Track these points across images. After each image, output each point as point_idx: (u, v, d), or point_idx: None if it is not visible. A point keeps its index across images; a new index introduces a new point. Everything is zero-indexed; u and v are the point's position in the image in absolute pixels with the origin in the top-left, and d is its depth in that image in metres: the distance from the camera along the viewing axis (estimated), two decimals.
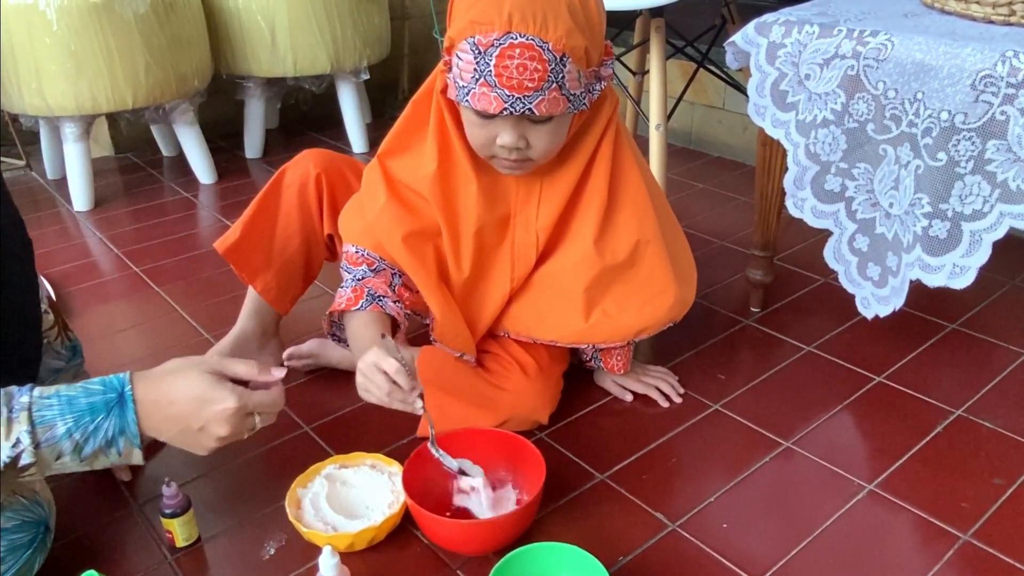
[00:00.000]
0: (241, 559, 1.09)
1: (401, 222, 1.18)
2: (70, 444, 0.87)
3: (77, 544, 1.11)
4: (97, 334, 1.63)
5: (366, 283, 1.19)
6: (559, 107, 1.04)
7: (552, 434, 1.30)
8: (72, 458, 0.88)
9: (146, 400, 0.91)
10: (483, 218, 1.18)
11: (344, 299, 1.17)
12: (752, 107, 1.36)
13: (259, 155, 2.63)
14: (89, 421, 0.88)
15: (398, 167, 1.21)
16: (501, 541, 1.06)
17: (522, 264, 1.23)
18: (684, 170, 2.42)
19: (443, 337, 1.23)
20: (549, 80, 1.00)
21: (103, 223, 2.17)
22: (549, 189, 1.19)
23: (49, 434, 0.86)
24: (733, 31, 1.43)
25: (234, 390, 0.92)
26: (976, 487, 1.17)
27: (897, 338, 1.52)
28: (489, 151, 1.11)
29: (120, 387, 0.90)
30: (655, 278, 1.22)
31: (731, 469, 1.22)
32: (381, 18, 2.61)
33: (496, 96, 1.01)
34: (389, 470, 1.17)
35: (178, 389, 0.91)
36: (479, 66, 1.00)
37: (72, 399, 0.88)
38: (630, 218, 1.20)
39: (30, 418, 0.85)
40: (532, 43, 0.98)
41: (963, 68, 1.12)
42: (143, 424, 0.90)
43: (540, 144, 1.08)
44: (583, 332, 1.23)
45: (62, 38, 2.01)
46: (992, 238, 1.18)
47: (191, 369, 0.93)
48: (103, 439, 0.88)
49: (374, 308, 1.15)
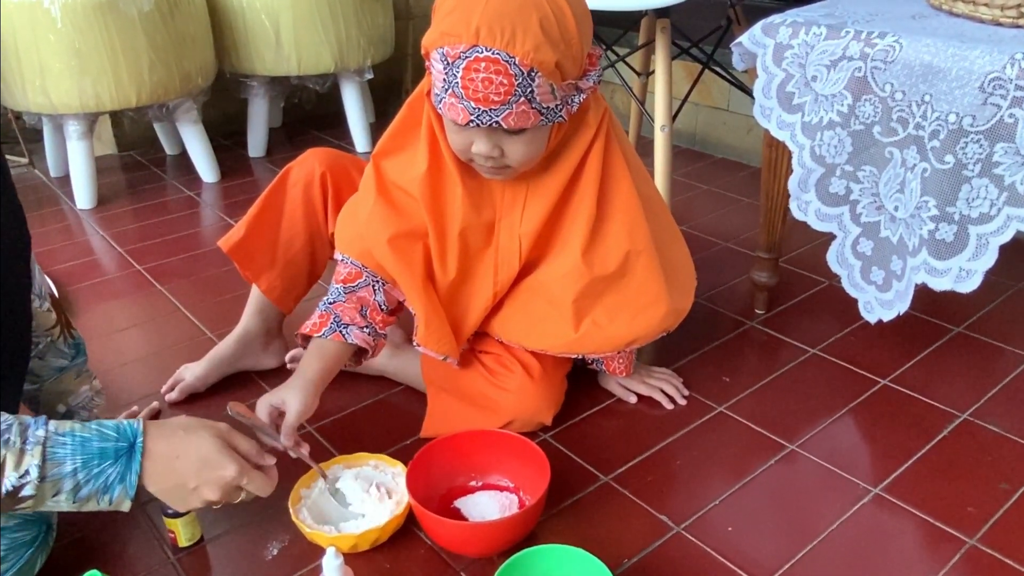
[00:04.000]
0: (244, 559, 1.08)
1: (388, 224, 1.18)
2: (71, 483, 0.88)
3: (79, 543, 1.11)
4: (100, 332, 1.62)
5: (335, 308, 1.19)
6: (529, 120, 1.03)
7: (556, 436, 1.30)
8: (67, 497, 0.89)
9: (155, 452, 0.92)
10: (468, 220, 1.18)
11: (310, 323, 1.19)
12: (758, 108, 1.36)
13: (262, 154, 2.63)
14: (96, 464, 0.89)
15: (391, 167, 1.21)
16: (505, 543, 1.06)
17: (506, 269, 1.22)
18: (688, 171, 2.41)
19: (426, 340, 1.22)
20: (516, 94, 1.00)
21: (106, 221, 2.17)
22: (534, 195, 1.18)
23: (56, 470, 0.87)
24: (739, 32, 1.42)
25: (237, 460, 0.96)
26: (982, 491, 1.16)
27: (902, 341, 1.52)
28: (467, 156, 1.11)
29: (133, 437, 0.92)
30: (647, 289, 1.21)
31: (736, 472, 1.22)
32: (385, 17, 2.61)
33: (463, 108, 1.01)
34: (393, 471, 1.17)
35: (187, 446, 0.94)
36: (447, 77, 1.00)
37: (85, 441, 0.89)
38: (620, 228, 1.19)
39: (43, 453, 0.86)
40: (498, 57, 0.97)
41: (971, 70, 1.12)
42: (144, 474, 0.92)
43: (516, 154, 1.08)
44: (573, 342, 1.22)
45: (66, 35, 2.01)
46: (999, 242, 1.17)
47: (203, 430, 0.96)
48: (102, 484, 0.90)
49: (335, 337, 1.16)
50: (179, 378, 1.41)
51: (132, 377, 1.48)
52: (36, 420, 0.89)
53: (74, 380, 1.17)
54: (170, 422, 0.97)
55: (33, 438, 0.86)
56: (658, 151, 1.79)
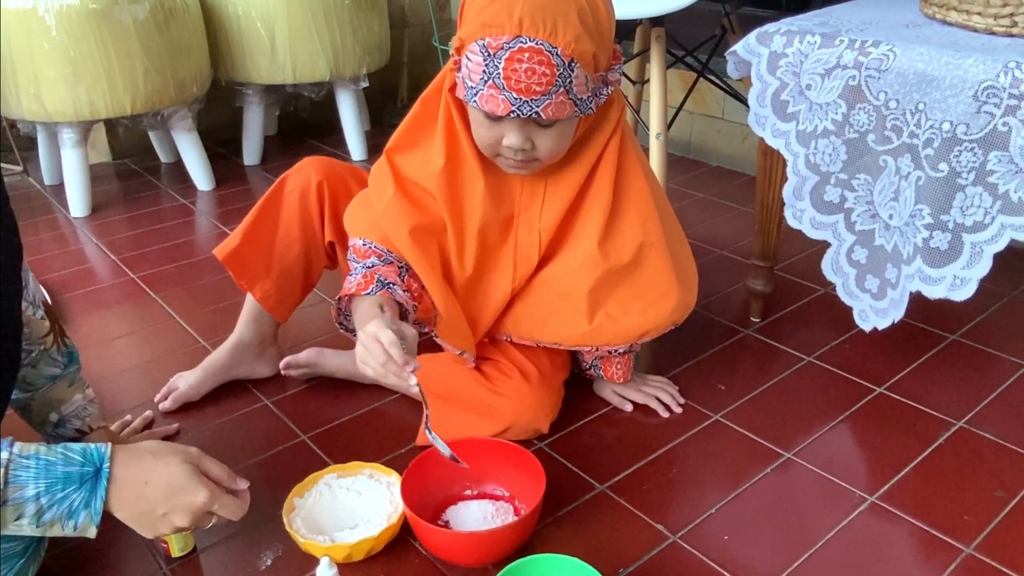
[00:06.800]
0: (237, 569, 1.07)
1: (408, 216, 1.18)
2: (34, 508, 0.86)
3: (71, 554, 1.10)
4: (94, 341, 1.62)
5: (376, 271, 1.17)
6: (566, 111, 1.04)
7: (552, 444, 1.30)
8: (30, 522, 0.87)
9: (122, 477, 0.91)
10: (487, 216, 1.18)
11: (355, 284, 1.15)
12: (753, 117, 1.36)
13: (257, 162, 2.62)
14: (60, 489, 0.87)
15: (405, 163, 1.21)
16: (500, 552, 1.05)
17: (524, 264, 1.23)
18: (683, 179, 2.42)
19: (445, 334, 1.22)
20: (557, 84, 1.01)
21: (100, 229, 2.16)
22: (554, 190, 1.19)
23: (18, 494, 0.86)
24: (733, 41, 1.43)
25: (207, 486, 0.94)
26: (978, 499, 1.16)
27: (898, 349, 1.52)
28: (495, 151, 1.11)
29: (99, 462, 0.90)
30: (658, 280, 1.22)
31: (732, 480, 1.21)
32: (381, 26, 2.61)
33: (504, 99, 1.02)
34: (387, 480, 1.16)
35: (156, 471, 0.92)
36: (488, 68, 1.01)
37: (50, 464, 0.88)
38: (634, 220, 1.20)
39: (5, 475, 0.85)
40: (541, 47, 0.99)
41: (965, 79, 1.12)
42: (111, 500, 0.90)
43: (546, 146, 1.09)
44: (587, 334, 1.23)
45: (61, 43, 2.01)
46: (993, 250, 1.17)
47: (173, 455, 0.94)
48: (66, 509, 0.88)
49: (384, 294, 1.13)
50: (173, 387, 1.41)
51: (125, 386, 1.47)
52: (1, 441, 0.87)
53: (67, 388, 1.16)
54: (139, 446, 0.95)
55: None
56: (653, 159, 1.79)
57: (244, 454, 1.28)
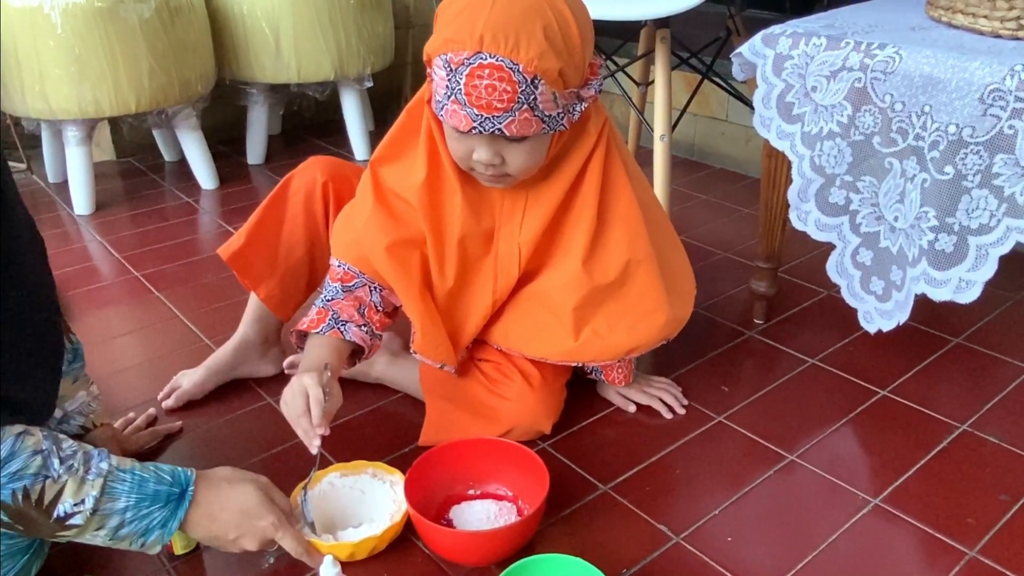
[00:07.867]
0: (240, 568, 1.07)
1: (386, 231, 1.18)
2: (118, 520, 0.90)
3: (74, 550, 1.10)
4: (97, 338, 1.62)
5: (333, 305, 1.19)
6: (531, 128, 1.03)
7: (555, 444, 1.30)
8: (108, 533, 0.90)
9: (203, 502, 0.96)
10: (467, 228, 1.17)
11: (308, 320, 1.18)
12: (758, 119, 1.36)
13: (261, 161, 2.63)
14: (146, 506, 0.91)
15: (389, 174, 1.21)
16: (503, 552, 1.05)
17: (505, 277, 1.22)
18: (687, 181, 2.42)
19: (423, 349, 1.22)
20: (520, 102, 1.00)
21: (104, 227, 2.16)
22: (534, 204, 1.18)
23: (109, 505, 0.89)
24: (738, 43, 1.42)
25: (275, 513, 0.99)
26: (982, 502, 1.16)
27: (901, 352, 1.52)
28: (468, 164, 1.10)
29: (185, 484, 0.95)
30: (646, 297, 1.21)
31: (735, 482, 1.21)
32: (385, 26, 2.61)
33: (466, 115, 1.01)
34: (391, 479, 1.16)
35: (232, 498, 0.98)
36: (450, 84, 1.00)
37: (143, 481, 0.92)
38: (621, 237, 1.19)
39: (104, 486, 0.88)
40: (502, 64, 0.97)
41: (971, 82, 1.12)
42: (188, 522, 0.95)
43: (516, 161, 1.08)
44: (572, 351, 1.22)
45: (66, 41, 2.01)
46: (999, 252, 1.17)
47: (247, 483, 1.01)
48: (144, 526, 0.92)
49: (333, 334, 1.15)
50: (176, 385, 1.41)
51: (129, 383, 1.47)
52: (99, 452, 0.90)
53: (71, 385, 1.17)
54: (216, 473, 1.00)
55: (96, 469, 0.88)
56: (657, 161, 1.79)
57: (247, 452, 1.28)
